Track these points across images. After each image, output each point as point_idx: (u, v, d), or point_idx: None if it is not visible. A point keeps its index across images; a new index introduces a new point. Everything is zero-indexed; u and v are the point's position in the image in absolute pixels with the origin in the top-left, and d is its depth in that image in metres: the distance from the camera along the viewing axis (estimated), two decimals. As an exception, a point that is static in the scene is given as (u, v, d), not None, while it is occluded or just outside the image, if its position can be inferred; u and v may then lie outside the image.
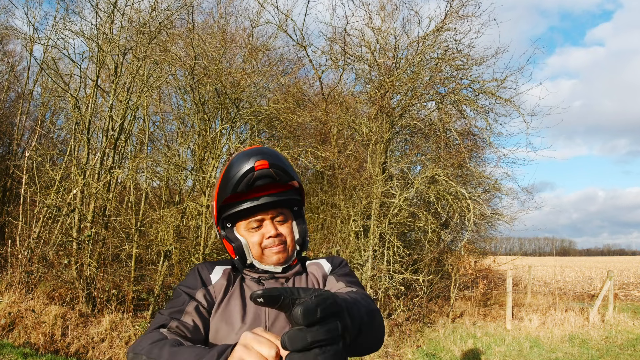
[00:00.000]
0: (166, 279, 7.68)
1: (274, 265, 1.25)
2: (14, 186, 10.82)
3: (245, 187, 1.19)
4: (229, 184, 1.20)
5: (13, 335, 5.93)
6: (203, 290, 1.22)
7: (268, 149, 1.22)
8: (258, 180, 1.18)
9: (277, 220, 1.27)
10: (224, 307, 1.19)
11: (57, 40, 9.05)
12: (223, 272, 1.28)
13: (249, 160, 1.18)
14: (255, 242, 1.25)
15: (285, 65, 9.98)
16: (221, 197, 1.23)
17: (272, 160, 1.19)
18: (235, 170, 1.18)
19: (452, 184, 7.71)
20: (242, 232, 1.27)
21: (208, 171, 7.79)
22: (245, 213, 1.25)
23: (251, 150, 1.20)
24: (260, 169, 1.17)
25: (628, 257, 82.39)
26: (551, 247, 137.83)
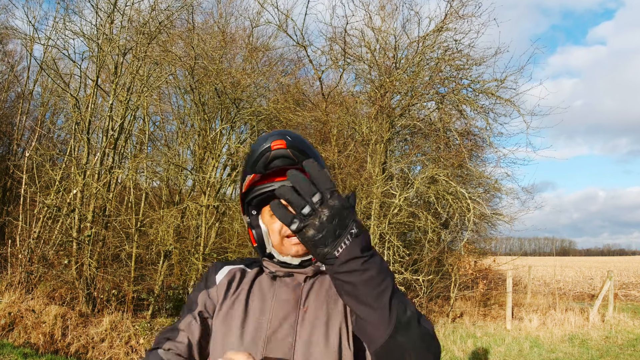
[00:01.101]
0: (166, 279, 7.68)
1: (292, 256, 1.16)
2: (14, 186, 10.82)
3: (263, 168, 1.12)
4: (247, 165, 1.15)
5: (13, 335, 5.93)
6: (204, 295, 1.18)
7: (290, 132, 1.15)
8: (275, 160, 1.11)
9: None
10: (226, 309, 1.13)
11: (57, 40, 9.05)
12: (229, 271, 1.22)
13: (267, 140, 1.11)
14: (276, 230, 1.16)
15: (285, 65, 9.99)
16: (243, 177, 1.18)
17: (290, 141, 1.11)
18: (253, 151, 1.13)
19: (452, 184, 7.71)
20: (265, 219, 1.19)
21: (208, 171, 7.79)
22: (269, 197, 1.16)
23: (272, 132, 1.15)
24: (277, 148, 1.10)
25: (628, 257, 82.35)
26: (551, 247, 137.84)
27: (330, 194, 0.84)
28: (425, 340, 0.91)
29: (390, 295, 0.88)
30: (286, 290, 1.14)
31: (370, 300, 0.87)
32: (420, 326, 0.91)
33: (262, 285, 1.17)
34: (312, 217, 0.83)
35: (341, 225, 0.84)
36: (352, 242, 0.85)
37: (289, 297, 1.12)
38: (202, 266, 7.17)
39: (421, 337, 0.90)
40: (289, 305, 1.10)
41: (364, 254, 0.86)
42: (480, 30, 7.75)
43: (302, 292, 1.13)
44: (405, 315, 0.89)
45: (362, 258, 0.86)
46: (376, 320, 0.88)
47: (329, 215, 0.83)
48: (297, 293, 1.13)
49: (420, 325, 0.91)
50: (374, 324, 0.88)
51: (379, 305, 0.87)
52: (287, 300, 1.11)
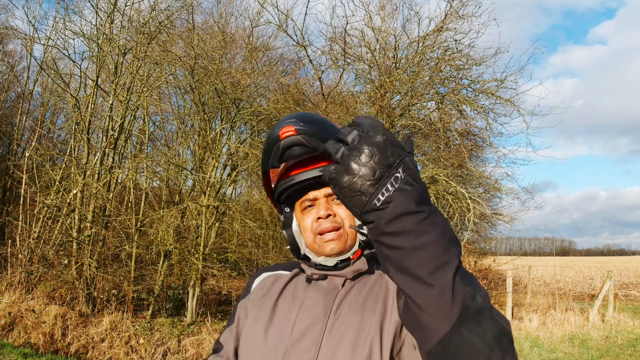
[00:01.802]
0: (166, 279, 7.68)
1: (326, 256, 0.99)
2: (14, 186, 10.82)
3: (277, 161, 0.97)
4: (263, 160, 1.02)
5: (13, 335, 5.93)
6: (242, 306, 1.10)
7: (302, 114, 0.98)
8: (287, 150, 0.95)
9: (335, 200, 1.00)
10: (254, 315, 1.03)
11: (57, 40, 9.06)
12: (264, 278, 1.11)
13: (276, 128, 0.96)
14: (308, 226, 1.01)
15: (285, 65, 9.99)
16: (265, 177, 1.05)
17: (301, 125, 0.93)
18: (266, 142, 0.99)
19: (452, 184, 7.71)
20: (298, 215, 1.04)
21: (208, 171, 7.79)
22: (298, 192, 1.02)
23: (284, 117, 0.98)
24: (287, 136, 0.93)
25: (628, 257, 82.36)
26: (551, 247, 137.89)
27: (375, 131, 0.67)
28: (502, 343, 0.66)
29: (454, 272, 0.65)
30: (316, 295, 0.98)
31: (426, 275, 0.64)
32: (494, 321, 0.67)
33: (297, 288, 1.03)
34: (348, 157, 0.67)
35: (382, 164, 0.65)
36: (400, 190, 0.66)
37: (318, 304, 0.96)
38: (202, 266, 7.17)
39: (497, 337, 0.66)
40: (317, 312, 0.95)
41: (419, 209, 0.65)
42: (480, 30, 7.75)
43: (335, 297, 0.96)
44: (474, 302, 0.65)
45: (417, 214, 0.65)
46: (433, 302, 0.65)
47: (367, 152, 0.65)
48: (330, 299, 0.96)
49: (494, 320, 0.67)
50: (430, 310, 0.65)
51: (437, 282, 0.64)
52: (315, 307, 0.96)
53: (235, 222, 8.18)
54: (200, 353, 6.08)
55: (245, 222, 8.19)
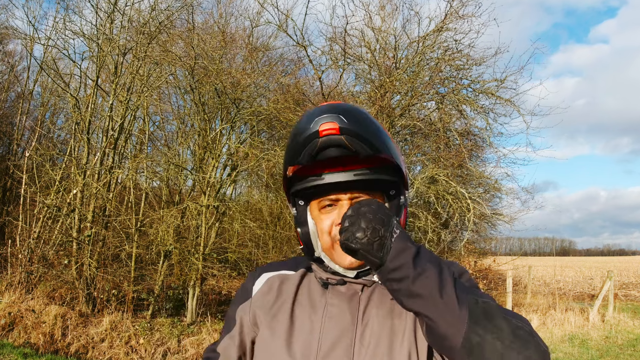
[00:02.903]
0: (166, 279, 7.68)
1: (345, 268, 0.93)
2: (14, 186, 10.82)
3: (309, 158, 0.88)
4: (291, 150, 0.91)
5: (13, 335, 5.93)
6: (241, 310, 1.01)
7: (347, 106, 0.89)
8: (324, 150, 0.86)
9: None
10: (269, 321, 0.95)
11: (57, 40, 9.05)
12: (266, 280, 1.01)
13: (314, 120, 0.85)
14: (325, 229, 0.93)
15: (285, 65, 9.99)
16: (285, 164, 0.95)
17: (345, 123, 0.84)
18: (298, 133, 0.88)
19: (452, 184, 7.71)
20: (315, 213, 0.96)
21: (208, 171, 7.79)
22: (310, 189, 0.94)
23: (323, 107, 0.88)
24: (327, 134, 0.84)
25: (628, 257, 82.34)
26: (551, 247, 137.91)
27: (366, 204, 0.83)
28: (519, 336, 0.73)
29: (453, 285, 0.77)
30: (340, 301, 0.93)
31: (431, 293, 0.75)
32: (507, 320, 0.75)
33: (312, 293, 0.97)
34: (352, 224, 0.80)
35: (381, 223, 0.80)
36: (397, 242, 0.79)
37: (344, 311, 0.91)
38: (202, 266, 7.17)
39: (513, 332, 0.74)
40: (344, 321, 0.90)
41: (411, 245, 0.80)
42: (480, 30, 7.75)
43: (359, 303, 0.92)
44: (477, 305, 0.76)
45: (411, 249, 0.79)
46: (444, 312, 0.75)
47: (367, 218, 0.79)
48: (354, 305, 0.92)
49: (507, 319, 0.75)
50: (443, 320, 0.75)
51: (442, 296, 0.75)
52: (342, 315, 0.91)
53: (235, 222, 8.18)
54: (200, 353, 6.08)
55: (245, 222, 8.19)
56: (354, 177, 0.89)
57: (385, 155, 0.90)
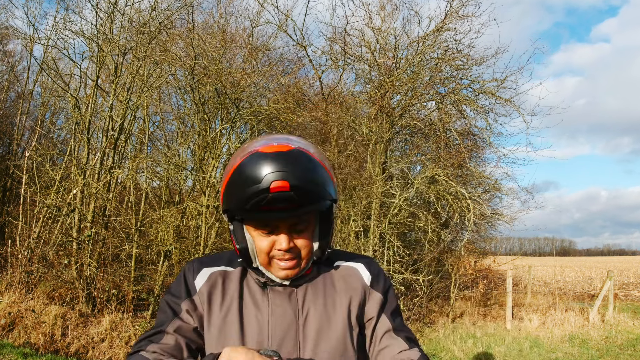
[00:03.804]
0: (166, 279, 7.68)
1: (281, 279, 1.04)
2: (14, 186, 10.82)
3: (256, 207, 0.93)
4: (236, 196, 0.95)
5: (13, 335, 5.93)
6: (187, 303, 1.05)
7: (295, 156, 0.93)
8: (273, 202, 0.92)
9: (295, 229, 1.00)
10: (218, 324, 1.03)
11: (57, 40, 9.05)
12: (209, 276, 1.07)
13: (265, 174, 0.90)
14: (263, 249, 1.01)
15: (285, 65, 9.98)
16: (227, 200, 0.99)
17: (294, 180, 0.90)
18: (245, 182, 0.92)
19: (452, 184, 7.71)
20: (251, 231, 1.02)
21: (208, 171, 7.79)
22: (252, 220, 1.02)
23: (272, 157, 0.91)
24: (278, 191, 0.90)
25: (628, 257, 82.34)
26: (551, 247, 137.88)
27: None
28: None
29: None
30: (281, 300, 1.04)
31: None
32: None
33: (253, 293, 1.06)
34: None
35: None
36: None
37: (286, 308, 1.03)
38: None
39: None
40: (288, 316, 1.02)
41: None
42: (480, 30, 7.76)
43: (297, 300, 1.04)
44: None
45: None
46: None
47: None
48: (294, 302, 1.04)
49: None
50: None
51: None
52: (285, 312, 1.02)
53: (235, 222, 8.17)
54: (200, 353, 6.08)
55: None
56: (302, 212, 0.96)
57: (328, 198, 0.99)
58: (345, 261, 1.14)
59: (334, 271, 1.12)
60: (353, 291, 1.08)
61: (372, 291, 1.10)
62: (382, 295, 1.10)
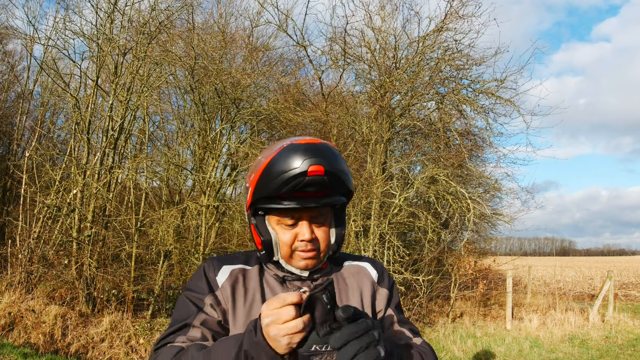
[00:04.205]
0: (166, 279, 7.68)
1: (301, 269, 1.12)
2: (14, 186, 10.82)
3: (291, 190, 1.01)
4: (272, 182, 1.03)
5: (13, 335, 5.93)
6: (211, 298, 1.10)
7: (326, 148, 1.04)
8: (308, 187, 1.01)
9: (315, 221, 1.10)
10: (244, 319, 1.08)
11: (57, 40, 9.05)
12: (230, 273, 1.14)
13: (302, 160, 1.00)
14: (286, 242, 1.09)
15: (285, 65, 9.98)
16: (260, 190, 1.06)
17: (328, 165, 1.01)
18: (283, 169, 1.01)
19: (452, 184, 7.71)
20: (273, 224, 1.11)
21: (208, 171, 7.79)
22: (280, 210, 1.09)
23: (306, 147, 1.02)
24: (314, 175, 1.00)
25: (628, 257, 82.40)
26: (551, 247, 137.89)
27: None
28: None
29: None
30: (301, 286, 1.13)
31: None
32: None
33: (273, 288, 1.13)
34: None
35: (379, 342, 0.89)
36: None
37: None
38: (202, 266, 7.17)
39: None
40: None
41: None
42: (480, 30, 7.75)
43: None
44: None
45: None
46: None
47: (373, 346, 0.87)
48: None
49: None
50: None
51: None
52: None
53: (235, 222, 8.18)
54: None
55: (245, 222, 8.19)
56: (325, 201, 1.07)
57: (350, 188, 1.11)
58: (353, 261, 1.26)
59: (344, 269, 1.23)
60: (364, 286, 1.20)
61: (379, 287, 1.22)
62: (388, 290, 1.22)
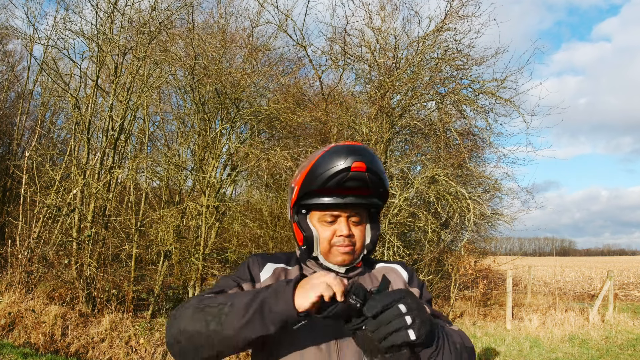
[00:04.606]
0: (166, 279, 7.68)
1: (338, 265, 1.22)
2: (14, 186, 10.82)
3: (335, 185, 1.15)
4: (318, 177, 1.15)
5: (13, 335, 5.93)
6: (249, 285, 1.19)
7: (367, 150, 1.18)
8: (350, 181, 1.14)
9: (353, 220, 1.22)
10: None
11: (57, 40, 9.05)
12: (274, 271, 1.23)
13: (346, 158, 1.13)
14: (326, 238, 1.20)
15: (285, 65, 9.97)
16: (306, 186, 1.18)
17: (369, 163, 1.14)
18: (329, 166, 1.14)
19: (452, 184, 7.70)
20: (314, 222, 1.22)
21: (208, 171, 7.79)
22: (323, 205, 1.20)
23: (350, 148, 1.16)
24: (356, 170, 1.13)
25: (628, 257, 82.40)
26: (551, 247, 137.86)
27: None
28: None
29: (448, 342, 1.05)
30: None
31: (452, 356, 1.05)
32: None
33: None
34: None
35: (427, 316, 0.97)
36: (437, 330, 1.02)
37: None
38: (202, 266, 7.17)
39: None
40: None
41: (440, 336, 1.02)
42: (480, 30, 7.74)
43: None
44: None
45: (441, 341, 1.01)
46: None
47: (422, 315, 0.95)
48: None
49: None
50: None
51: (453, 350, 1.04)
52: None
53: (235, 222, 8.18)
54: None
55: (245, 222, 8.19)
56: (363, 201, 1.19)
57: (386, 187, 1.22)
58: (385, 263, 1.37)
59: (376, 270, 1.33)
60: (396, 284, 1.27)
61: (409, 287, 1.30)
62: (419, 289, 1.31)
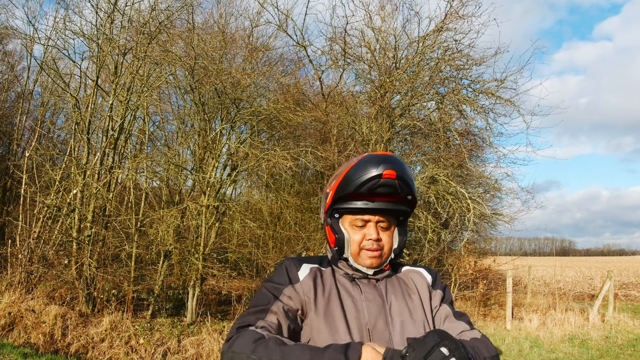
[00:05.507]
0: (166, 279, 7.68)
1: (367, 267, 1.31)
2: (14, 186, 10.82)
3: (367, 191, 1.24)
4: (352, 182, 1.25)
5: (13, 335, 5.93)
6: (290, 289, 1.25)
7: (398, 160, 1.26)
8: (381, 187, 1.23)
9: (381, 225, 1.31)
10: (324, 307, 1.24)
11: (57, 40, 9.05)
12: (310, 270, 1.31)
13: (378, 166, 1.22)
14: (356, 241, 1.30)
15: (285, 65, 9.97)
16: (340, 191, 1.28)
17: (400, 172, 1.23)
18: (362, 172, 1.23)
19: (452, 184, 7.70)
20: (346, 225, 1.32)
21: (208, 171, 7.79)
22: (354, 210, 1.29)
23: (382, 157, 1.25)
24: (387, 177, 1.22)
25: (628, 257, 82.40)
26: (551, 247, 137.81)
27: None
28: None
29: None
30: (370, 290, 1.30)
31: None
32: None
33: (344, 285, 1.31)
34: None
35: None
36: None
37: (375, 296, 1.29)
38: (202, 266, 7.17)
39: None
40: (378, 302, 1.28)
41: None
42: (480, 30, 7.74)
43: (381, 290, 1.31)
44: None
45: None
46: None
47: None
48: (379, 291, 1.30)
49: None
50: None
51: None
52: (375, 299, 1.28)
53: (235, 222, 8.18)
54: (200, 353, 6.08)
55: (245, 222, 8.20)
56: (392, 207, 1.27)
57: (415, 194, 1.30)
58: (410, 267, 1.45)
59: (402, 273, 1.42)
60: (421, 288, 1.37)
61: (433, 289, 1.39)
62: (442, 291, 1.39)
